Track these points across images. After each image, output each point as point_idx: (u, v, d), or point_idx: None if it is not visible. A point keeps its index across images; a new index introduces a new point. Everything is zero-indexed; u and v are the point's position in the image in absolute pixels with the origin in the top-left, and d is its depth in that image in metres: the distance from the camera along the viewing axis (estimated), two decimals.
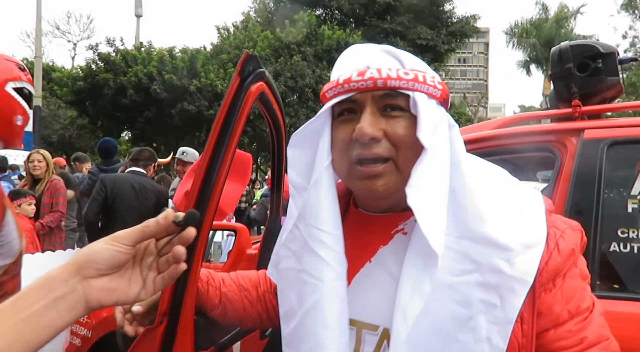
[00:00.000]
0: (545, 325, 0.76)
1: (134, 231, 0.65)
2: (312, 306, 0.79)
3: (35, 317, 0.58)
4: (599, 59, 1.89)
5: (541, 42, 25.08)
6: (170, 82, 17.36)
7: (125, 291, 0.65)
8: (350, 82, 0.79)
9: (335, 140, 0.83)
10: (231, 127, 1.03)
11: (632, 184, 1.58)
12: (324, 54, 21.54)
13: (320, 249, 0.80)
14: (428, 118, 0.77)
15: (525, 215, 0.78)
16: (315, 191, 0.82)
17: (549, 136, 1.80)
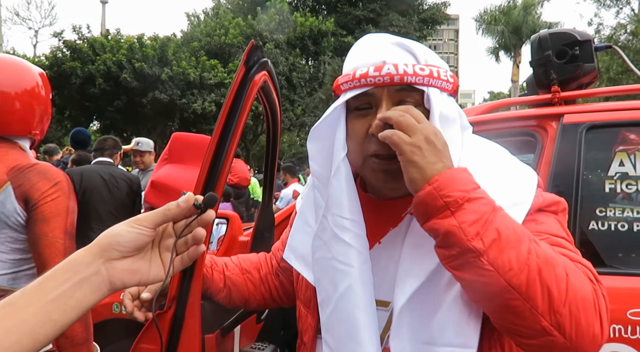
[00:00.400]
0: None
1: (155, 214, 0.66)
2: (346, 290, 0.84)
3: (62, 298, 0.59)
4: (576, 47, 1.98)
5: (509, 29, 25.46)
6: (141, 70, 16.98)
7: (147, 272, 0.67)
8: (367, 77, 0.81)
9: (351, 133, 0.86)
10: (237, 116, 1.05)
11: (609, 165, 1.66)
12: (296, 41, 21.40)
13: (346, 235, 0.85)
14: (441, 113, 0.81)
15: (516, 181, 0.84)
16: (336, 182, 0.85)
17: (530, 121, 1.87)
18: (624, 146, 1.67)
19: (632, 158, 1.64)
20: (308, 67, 21.98)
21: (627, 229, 1.60)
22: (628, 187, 1.64)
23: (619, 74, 15.73)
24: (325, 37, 22.06)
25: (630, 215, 1.61)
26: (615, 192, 1.65)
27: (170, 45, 18.34)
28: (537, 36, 2.07)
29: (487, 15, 26.57)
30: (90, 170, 3.65)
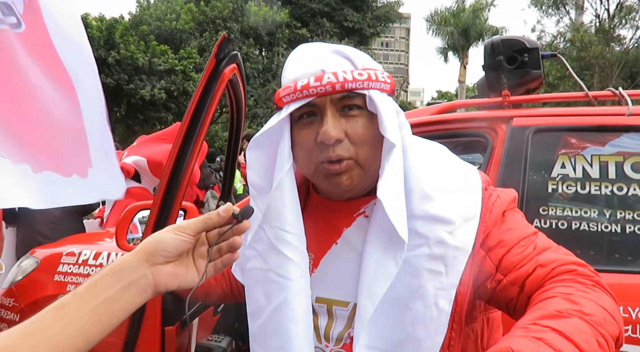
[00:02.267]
0: (499, 253, 0.84)
1: (197, 222, 0.70)
2: (280, 303, 0.84)
3: (111, 300, 0.63)
4: (525, 54, 2.09)
5: (458, 31, 26.29)
6: None
7: (185, 276, 0.71)
8: (309, 88, 0.82)
9: (299, 143, 0.87)
10: (205, 108, 1.05)
11: (552, 167, 1.78)
12: (250, 31, 21.09)
13: (285, 248, 0.85)
14: (388, 115, 0.83)
15: (464, 191, 0.88)
16: (279, 193, 0.86)
17: (482, 123, 1.96)
18: (566, 150, 1.78)
19: (573, 161, 1.76)
20: (262, 58, 21.74)
21: (566, 227, 1.72)
22: (568, 188, 1.75)
23: (556, 80, 16.67)
24: (279, 28, 21.88)
25: (569, 214, 1.73)
26: (557, 192, 1.76)
27: (118, 27, 17.57)
28: (489, 42, 2.17)
29: (438, 16, 27.30)
30: None
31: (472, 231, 0.84)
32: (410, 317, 0.80)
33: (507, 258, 0.83)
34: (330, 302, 0.88)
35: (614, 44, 18.53)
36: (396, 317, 0.81)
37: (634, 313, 1.48)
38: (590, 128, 1.80)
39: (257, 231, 0.89)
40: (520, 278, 0.81)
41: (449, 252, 0.81)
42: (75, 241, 2.63)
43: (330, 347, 0.88)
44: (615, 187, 1.69)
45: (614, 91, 1.93)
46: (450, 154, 0.95)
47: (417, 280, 0.81)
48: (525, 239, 0.85)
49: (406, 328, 0.80)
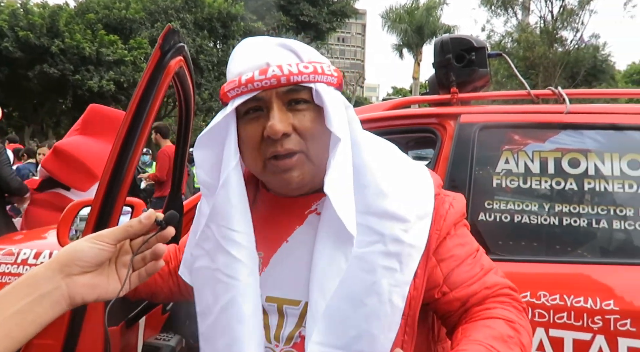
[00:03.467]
0: (450, 266, 0.89)
1: (117, 230, 0.68)
2: (227, 303, 0.83)
3: (21, 314, 0.60)
4: (473, 52, 2.15)
5: (412, 28, 26.80)
6: (26, 40, 15.34)
7: (105, 287, 0.68)
8: (254, 82, 0.80)
9: (245, 138, 0.84)
10: (150, 101, 1.01)
11: (497, 162, 1.85)
12: (204, 22, 20.67)
13: (233, 248, 0.83)
14: (334, 108, 0.82)
15: (417, 189, 0.89)
16: (224, 192, 0.83)
17: (432, 119, 2.01)
18: (510, 146, 1.86)
19: (516, 157, 1.83)
20: (216, 50, 21.34)
21: (508, 220, 1.79)
22: (511, 182, 1.83)
23: (504, 78, 17.34)
24: (234, 20, 21.53)
25: (512, 208, 1.80)
26: (501, 187, 1.83)
27: (62, 14, 16.76)
28: (439, 40, 2.22)
29: (393, 13, 27.71)
30: None
31: (425, 229, 0.86)
32: (364, 313, 0.81)
33: (457, 274, 0.89)
34: (281, 302, 0.87)
35: (557, 45, 19.45)
36: (350, 313, 0.81)
37: (569, 300, 1.56)
38: (531, 125, 1.88)
39: (204, 229, 0.87)
40: (466, 296, 0.88)
41: (404, 250, 0.83)
42: (12, 240, 2.50)
43: (280, 347, 0.86)
44: (554, 182, 1.77)
45: (553, 90, 2.02)
46: (400, 152, 0.95)
47: (371, 276, 0.81)
48: (471, 256, 0.91)
49: (360, 324, 0.81)
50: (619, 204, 1.70)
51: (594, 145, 1.79)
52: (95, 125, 3.39)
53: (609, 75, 22.93)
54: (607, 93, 2.49)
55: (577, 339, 1.53)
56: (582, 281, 1.64)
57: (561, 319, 1.55)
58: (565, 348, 1.54)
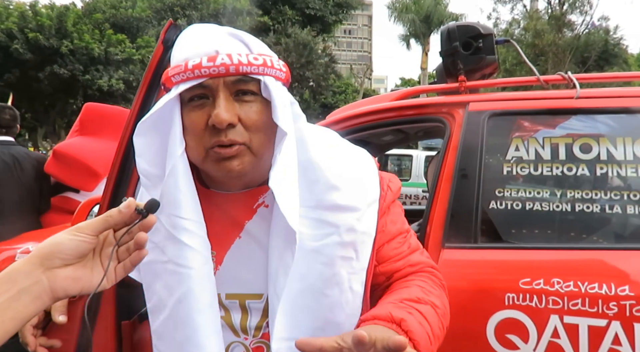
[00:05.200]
0: (381, 241, 0.92)
1: (97, 221, 0.66)
2: (184, 294, 0.80)
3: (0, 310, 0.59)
4: (480, 39, 2.13)
5: (420, 18, 26.56)
6: (36, 41, 15.48)
7: (89, 279, 0.67)
8: (201, 68, 0.78)
9: (189, 126, 0.82)
10: (154, 97, 1.01)
11: (507, 150, 1.83)
12: (210, 18, 20.68)
13: (184, 236, 0.81)
14: (282, 102, 0.81)
15: (364, 177, 0.91)
16: (172, 180, 0.81)
17: (440, 108, 1.99)
18: (519, 133, 1.83)
19: (526, 144, 1.81)
20: None
21: (520, 208, 1.77)
22: (522, 170, 1.81)
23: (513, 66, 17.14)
24: (240, 15, 21.52)
25: (523, 195, 1.78)
26: (512, 174, 1.81)
27: (70, 15, 16.87)
28: (446, 28, 2.20)
29: (399, 2, 27.46)
30: None
31: (374, 214, 0.89)
32: (328, 304, 0.82)
33: (385, 249, 0.92)
34: (243, 297, 0.86)
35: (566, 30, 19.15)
36: (313, 305, 0.82)
37: (584, 287, 1.54)
38: (541, 111, 1.86)
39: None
40: (391, 271, 0.92)
41: (358, 238, 0.85)
42: (31, 238, 2.53)
43: (249, 339, 0.87)
44: (565, 168, 1.75)
45: (563, 75, 1.99)
46: (342, 139, 0.96)
47: (330, 268, 0.82)
48: (401, 235, 0.95)
49: (325, 314, 0.83)
50: (633, 189, 1.68)
51: (606, 130, 1.76)
52: (93, 124, 3.38)
53: (621, 60, 22.51)
54: (618, 76, 2.44)
55: (593, 325, 1.51)
56: (596, 267, 1.62)
57: (576, 306, 1.54)
58: (580, 335, 1.52)
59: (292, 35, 21.89)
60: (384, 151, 3.80)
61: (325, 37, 26.63)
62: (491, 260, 1.71)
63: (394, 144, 3.28)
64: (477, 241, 1.73)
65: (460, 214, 1.76)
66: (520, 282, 1.59)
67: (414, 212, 3.21)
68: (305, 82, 23.11)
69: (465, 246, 1.72)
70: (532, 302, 1.57)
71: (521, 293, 1.58)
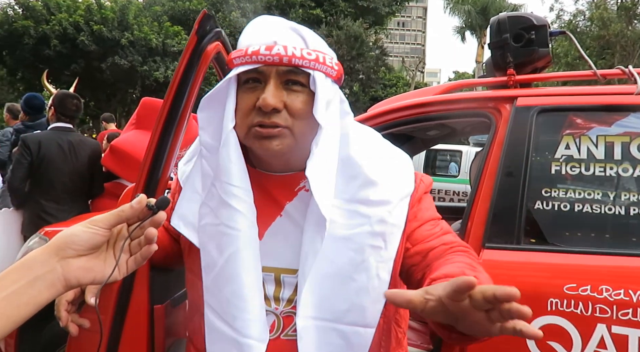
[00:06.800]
0: (413, 226, 0.97)
1: (110, 215, 0.69)
2: (233, 253, 0.88)
3: (15, 295, 0.62)
4: (532, 31, 2.02)
5: (476, 10, 25.70)
6: (100, 33, 16.26)
7: (101, 270, 0.70)
8: (258, 55, 0.86)
9: (240, 105, 0.90)
10: (188, 87, 1.03)
11: (556, 148, 1.73)
12: (263, 11, 20.92)
13: (233, 201, 0.89)
14: (324, 97, 0.88)
15: (401, 173, 0.98)
16: (225, 151, 0.89)
17: (486, 103, 1.91)
18: (571, 130, 1.74)
19: (577, 142, 1.71)
20: None
21: (569, 209, 1.68)
22: (572, 169, 1.71)
23: (575, 59, 16.23)
24: (293, 8, 21.65)
25: (572, 196, 1.69)
26: (561, 174, 1.72)
27: (131, 8, 17.59)
28: (496, 19, 2.10)
29: None
30: (49, 139, 3.34)
31: (405, 208, 0.95)
32: (354, 288, 0.88)
33: (419, 232, 0.97)
34: (278, 271, 0.92)
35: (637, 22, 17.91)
36: (340, 289, 0.88)
37: (635, 296, 1.45)
38: (596, 108, 1.75)
39: (210, 188, 0.92)
40: (426, 249, 0.95)
41: (388, 229, 0.91)
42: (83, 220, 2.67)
43: (280, 309, 0.92)
44: (620, 169, 1.64)
45: (623, 69, 1.86)
46: (383, 139, 1.03)
47: (360, 255, 0.88)
48: (433, 220, 1.00)
49: (351, 298, 0.88)
50: None
51: None
52: (149, 118, 3.50)
53: None
54: None
55: None
56: None
57: (626, 316, 1.45)
58: (630, 347, 1.44)
59: (343, 28, 21.78)
60: (429, 146, 3.71)
61: (377, 29, 26.30)
62: (534, 262, 1.64)
63: (439, 138, 3.19)
64: (520, 242, 1.66)
65: (503, 213, 1.69)
66: (565, 287, 1.52)
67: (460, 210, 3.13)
68: (355, 75, 22.95)
69: (507, 246, 1.66)
70: (577, 309, 1.49)
71: (566, 299, 1.51)
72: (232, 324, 0.88)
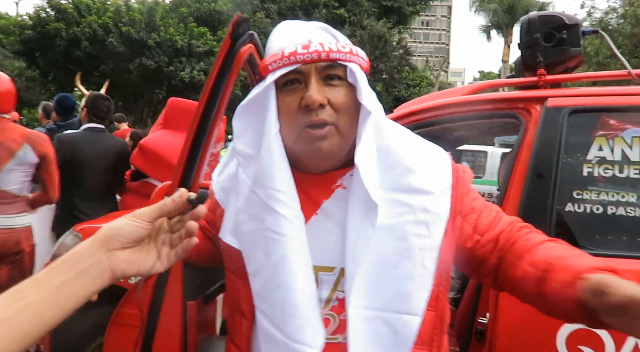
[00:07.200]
0: (473, 218, 0.99)
1: (152, 209, 0.72)
2: (280, 259, 0.89)
3: (66, 285, 0.65)
4: (564, 30, 1.99)
5: (503, 8, 25.30)
6: (128, 35, 16.61)
7: (144, 262, 0.72)
8: (296, 55, 0.88)
9: (284, 108, 0.91)
10: (221, 89, 1.05)
11: (588, 149, 1.70)
12: (287, 11, 21.04)
13: (279, 206, 0.90)
14: (365, 85, 0.91)
15: (437, 166, 0.98)
16: (268, 156, 0.90)
17: (515, 103, 1.89)
18: (604, 131, 1.70)
19: (611, 143, 1.68)
20: None
21: (601, 212, 1.65)
22: (605, 171, 1.68)
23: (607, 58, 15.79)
24: (316, 8, 21.69)
25: (605, 198, 1.66)
26: (593, 175, 1.69)
27: (158, 9, 17.91)
28: (526, 18, 2.07)
29: None
30: (83, 139, 3.47)
31: (447, 199, 0.95)
32: (400, 276, 0.89)
33: (481, 222, 0.99)
34: (316, 269, 0.92)
35: None
36: (386, 277, 0.89)
37: None
38: (631, 108, 1.71)
39: (249, 195, 0.93)
40: (496, 235, 0.98)
41: (431, 218, 0.92)
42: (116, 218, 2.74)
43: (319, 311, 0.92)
44: None
45: None
46: (414, 134, 1.04)
47: (404, 243, 0.89)
48: (486, 207, 1.03)
49: (397, 285, 0.89)
50: None
51: None
52: (176, 118, 3.58)
53: None
54: None
55: None
56: None
57: None
58: None
59: (367, 27, 21.71)
60: (454, 147, 3.68)
61: (401, 29, 26.12)
62: None
63: (465, 139, 3.16)
64: None
65: (532, 215, 1.66)
66: None
67: None
68: (379, 75, 22.85)
69: None
70: None
71: None
72: (283, 329, 0.89)
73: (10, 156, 2.66)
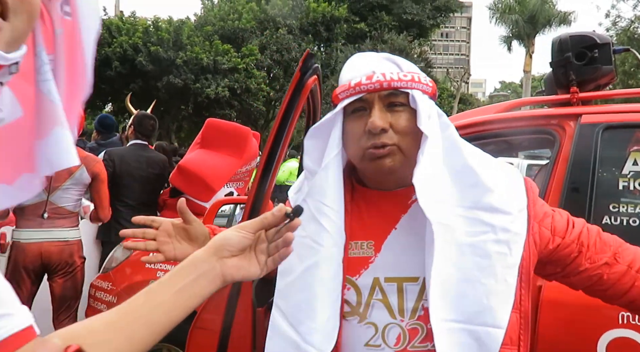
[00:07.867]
0: (548, 221, 1.03)
1: (255, 221, 0.82)
2: (312, 265, 0.97)
3: (188, 287, 0.74)
4: (595, 49, 2.07)
5: (524, 19, 25.14)
6: (156, 54, 17.08)
7: (248, 269, 0.81)
8: (361, 85, 0.98)
9: (350, 132, 1.00)
10: (290, 117, 1.18)
11: (624, 164, 1.77)
12: (309, 27, 21.35)
13: (323, 219, 0.98)
14: (425, 111, 0.97)
15: (513, 187, 1.03)
16: (324, 173, 0.99)
17: (549, 120, 1.97)
18: (638, 146, 1.77)
19: None
20: (320, 53, 21.94)
21: (638, 224, 1.71)
22: None
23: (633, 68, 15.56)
24: (337, 23, 21.97)
25: None
26: (629, 189, 1.75)
27: (185, 29, 18.38)
28: (557, 38, 2.16)
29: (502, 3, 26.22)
30: (129, 154, 3.74)
31: (525, 219, 1.00)
32: (484, 291, 0.93)
33: (556, 224, 1.05)
34: (400, 280, 0.99)
35: None
36: (470, 292, 0.94)
37: None
38: None
39: (301, 203, 1.00)
40: (577, 234, 1.04)
41: (512, 237, 0.96)
42: None
43: (405, 321, 0.98)
44: None
45: None
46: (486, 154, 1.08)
47: (487, 261, 0.94)
48: (553, 209, 1.08)
49: (481, 300, 0.94)
50: None
51: None
52: (213, 139, 3.79)
53: None
54: None
55: None
56: None
57: None
58: None
59: (388, 41, 21.87)
60: None
61: (421, 41, 26.20)
62: None
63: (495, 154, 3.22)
64: None
65: None
66: None
67: None
68: None
69: None
70: None
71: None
72: (297, 328, 0.96)
73: (68, 176, 2.86)
